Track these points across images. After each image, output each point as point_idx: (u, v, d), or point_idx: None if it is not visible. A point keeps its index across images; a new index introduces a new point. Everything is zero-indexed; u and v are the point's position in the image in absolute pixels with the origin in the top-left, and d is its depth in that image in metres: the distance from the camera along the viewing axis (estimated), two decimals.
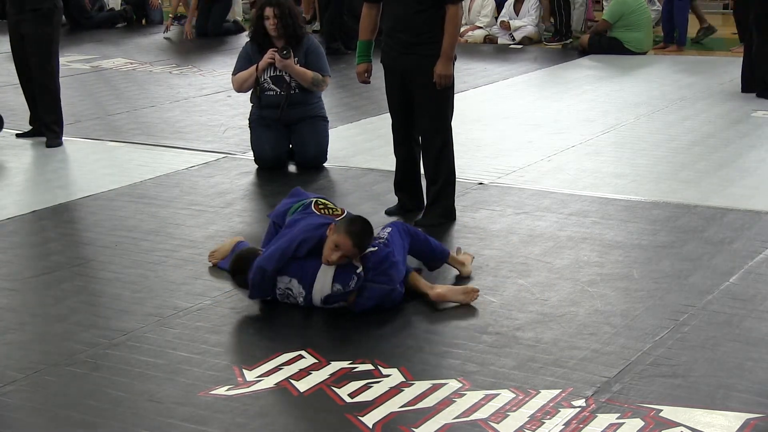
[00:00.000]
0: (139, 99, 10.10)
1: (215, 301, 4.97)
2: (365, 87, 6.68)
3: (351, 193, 6.85)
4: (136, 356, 4.37)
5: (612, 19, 12.41)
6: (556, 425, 3.76)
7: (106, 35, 14.72)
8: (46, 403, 3.98)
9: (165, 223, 6.18)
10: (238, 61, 7.53)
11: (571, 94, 10.14)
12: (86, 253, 5.72)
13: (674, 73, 11.19)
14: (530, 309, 4.82)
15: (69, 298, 5.09)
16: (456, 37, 5.97)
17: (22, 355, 4.39)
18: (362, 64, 6.23)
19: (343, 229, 4.72)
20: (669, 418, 3.79)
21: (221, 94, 10.07)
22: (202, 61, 12.42)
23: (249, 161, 7.54)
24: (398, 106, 6.17)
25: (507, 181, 6.99)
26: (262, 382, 4.13)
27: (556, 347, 4.40)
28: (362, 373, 4.19)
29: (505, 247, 5.66)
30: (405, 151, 6.27)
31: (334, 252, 4.70)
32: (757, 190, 6.69)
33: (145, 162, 7.65)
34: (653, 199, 6.53)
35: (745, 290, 5.01)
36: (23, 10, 8.07)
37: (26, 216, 6.38)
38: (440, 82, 5.94)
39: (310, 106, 7.46)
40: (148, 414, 3.88)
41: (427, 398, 3.97)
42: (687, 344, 4.41)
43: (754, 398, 3.93)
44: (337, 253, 4.70)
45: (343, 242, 4.69)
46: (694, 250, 5.57)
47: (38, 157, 7.93)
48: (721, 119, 8.84)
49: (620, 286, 5.10)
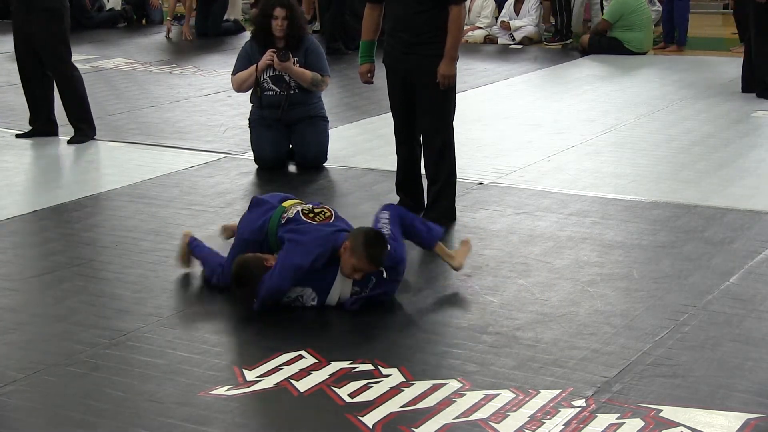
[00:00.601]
0: (139, 99, 10.10)
1: (215, 301, 4.97)
2: (365, 87, 6.68)
3: (351, 193, 6.85)
4: (136, 356, 4.36)
5: (612, 19, 12.42)
6: (556, 425, 3.76)
7: (106, 35, 14.72)
8: (46, 403, 3.98)
9: (165, 223, 6.18)
10: (238, 61, 7.52)
11: (571, 94, 10.14)
12: (86, 253, 5.71)
13: (674, 73, 11.19)
14: (530, 309, 4.82)
15: (69, 298, 5.09)
16: (459, 38, 5.97)
17: (22, 355, 4.39)
18: (365, 65, 6.23)
19: (363, 254, 4.68)
20: (669, 418, 3.79)
21: (221, 94, 10.07)
22: (202, 61, 12.42)
23: (249, 161, 7.54)
24: (400, 106, 6.18)
25: (507, 181, 6.99)
26: (262, 382, 4.13)
27: (556, 347, 4.40)
28: (362, 373, 4.19)
29: (505, 247, 5.66)
30: (406, 150, 6.28)
31: (356, 273, 4.73)
32: (757, 190, 6.70)
33: (145, 162, 7.65)
34: (653, 199, 6.53)
35: (745, 290, 5.01)
36: (31, 10, 8.07)
37: (26, 216, 6.38)
38: (443, 82, 5.94)
39: (310, 106, 7.45)
40: (148, 414, 3.88)
41: (427, 398, 3.97)
42: (687, 344, 4.41)
43: (754, 398, 3.93)
44: (359, 273, 4.73)
45: (365, 266, 4.71)
46: (694, 250, 5.57)
47: (38, 157, 7.93)
48: (721, 119, 8.85)
49: (620, 286, 5.10)
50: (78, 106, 8.28)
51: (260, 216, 5.02)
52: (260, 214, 5.04)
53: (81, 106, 8.30)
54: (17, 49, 8.31)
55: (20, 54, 8.30)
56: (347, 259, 4.71)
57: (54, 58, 8.16)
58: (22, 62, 8.32)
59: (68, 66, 8.23)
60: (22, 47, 8.25)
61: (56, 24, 8.08)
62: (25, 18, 8.12)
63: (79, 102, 8.28)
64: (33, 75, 8.31)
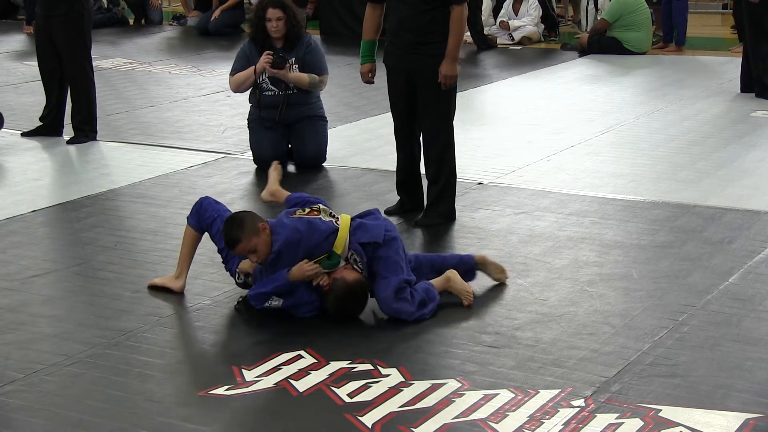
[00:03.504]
0: (139, 99, 10.09)
1: (215, 301, 4.97)
2: (365, 87, 6.68)
3: (350, 193, 6.85)
4: (135, 356, 4.37)
5: (611, 19, 12.41)
6: (556, 425, 3.76)
7: (105, 35, 14.71)
8: (46, 403, 3.98)
9: (165, 223, 6.18)
10: (236, 61, 7.51)
11: (571, 94, 10.14)
12: (86, 253, 5.71)
13: (674, 73, 11.18)
14: (529, 309, 4.82)
15: (69, 298, 5.09)
16: (461, 38, 5.98)
17: (22, 355, 4.39)
18: (366, 64, 6.23)
19: (333, 306, 4.72)
20: (668, 418, 3.79)
21: (221, 94, 10.07)
22: (201, 61, 12.42)
23: (248, 161, 7.54)
24: (401, 106, 6.17)
25: (506, 181, 6.99)
26: (261, 382, 4.13)
27: (556, 347, 4.40)
28: (361, 373, 4.19)
29: (504, 247, 5.66)
30: (407, 151, 6.27)
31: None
32: (756, 190, 6.70)
33: (144, 162, 7.65)
34: (653, 199, 6.54)
35: (745, 290, 5.01)
36: (52, 12, 8.13)
37: (26, 216, 6.38)
38: (445, 82, 5.94)
39: (309, 106, 7.45)
40: (147, 414, 3.88)
41: (427, 398, 3.97)
42: (686, 344, 4.41)
43: (753, 398, 3.93)
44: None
45: (340, 316, 4.75)
46: (694, 250, 5.57)
47: (38, 158, 7.93)
48: (720, 119, 8.85)
49: (620, 286, 5.10)
50: (86, 108, 8.34)
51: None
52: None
53: (89, 109, 8.36)
54: (38, 50, 8.42)
55: (41, 54, 8.40)
56: (324, 299, 4.75)
57: (73, 58, 8.24)
58: (42, 62, 8.41)
59: (86, 68, 8.31)
60: (43, 48, 8.35)
61: (78, 25, 8.18)
62: (47, 19, 8.20)
63: (88, 105, 8.35)
64: (52, 76, 8.39)
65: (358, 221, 4.88)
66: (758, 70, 9.57)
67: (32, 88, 9.95)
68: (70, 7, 8.13)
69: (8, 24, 16.03)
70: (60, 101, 8.48)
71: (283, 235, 4.68)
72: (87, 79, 8.32)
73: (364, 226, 4.85)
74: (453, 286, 4.91)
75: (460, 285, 4.91)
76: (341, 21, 14.36)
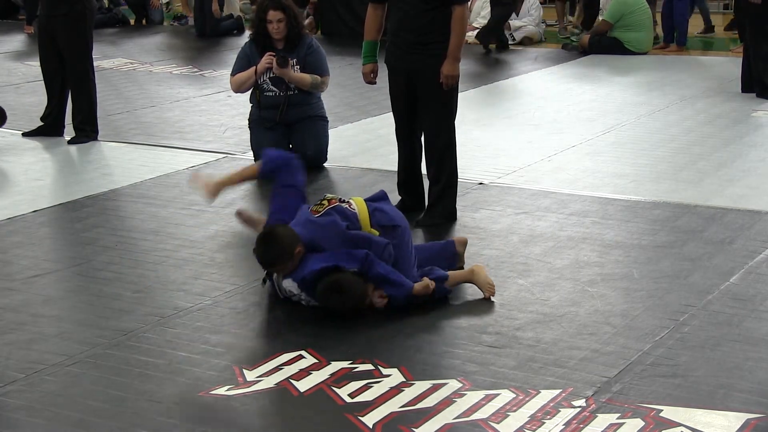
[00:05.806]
0: (139, 99, 10.10)
1: (215, 301, 4.97)
2: (365, 87, 6.68)
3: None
4: (136, 356, 4.37)
5: (612, 20, 12.42)
6: (557, 425, 3.76)
7: (106, 35, 14.71)
8: (46, 403, 3.98)
9: (165, 223, 6.18)
10: (237, 62, 7.52)
11: (571, 94, 10.14)
12: (86, 253, 5.71)
13: (674, 73, 11.19)
14: (530, 309, 4.82)
15: (69, 298, 5.09)
16: (463, 38, 5.98)
17: (22, 355, 4.39)
18: (368, 65, 6.22)
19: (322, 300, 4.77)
20: (669, 418, 3.79)
21: (221, 94, 10.07)
22: (202, 61, 12.42)
23: (249, 161, 7.53)
24: (402, 106, 6.17)
25: (507, 181, 6.99)
26: (262, 382, 4.13)
27: (557, 347, 4.40)
28: (362, 373, 4.19)
29: (505, 247, 5.66)
30: (408, 151, 6.28)
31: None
32: (757, 190, 6.70)
33: (144, 162, 7.65)
34: (653, 199, 6.53)
35: (745, 290, 5.01)
36: (54, 12, 8.15)
37: (26, 216, 6.38)
38: (447, 82, 5.94)
39: (310, 106, 7.45)
40: (148, 414, 3.88)
41: (428, 398, 3.97)
42: (687, 344, 4.41)
43: (754, 398, 3.93)
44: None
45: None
46: (694, 250, 5.57)
47: (39, 158, 7.93)
48: (721, 119, 8.85)
49: (620, 286, 5.10)
50: (87, 108, 8.34)
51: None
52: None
53: (90, 109, 8.37)
54: (40, 49, 8.42)
55: (43, 54, 8.40)
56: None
57: (74, 58, 8.24)
58: (44, 62, 8.41)
59: (87, 68, 8.32)
60: (45, 48, 8.36)
61: (79, 25, 8.19)
62: (49, 19, 8.21)
63: (89, 105, 8.35)
64: (54, 76, 8.39)
65: (374, 205, 4.96)
66: (759, 70, 9.58)
67: (33, 88, 9.96)
68: (72, 7, 8.14)
69: (9, 24, 16.05)
70: (61, 101, 8.49)
71: (320, 260, 4.73)
72: (88, 79, 8.34)
73: (383, 209, 4.92)
74: (477, 279, 4.97)
75: (484, 278, 4.97)
76: (341, 20, 14.35)
